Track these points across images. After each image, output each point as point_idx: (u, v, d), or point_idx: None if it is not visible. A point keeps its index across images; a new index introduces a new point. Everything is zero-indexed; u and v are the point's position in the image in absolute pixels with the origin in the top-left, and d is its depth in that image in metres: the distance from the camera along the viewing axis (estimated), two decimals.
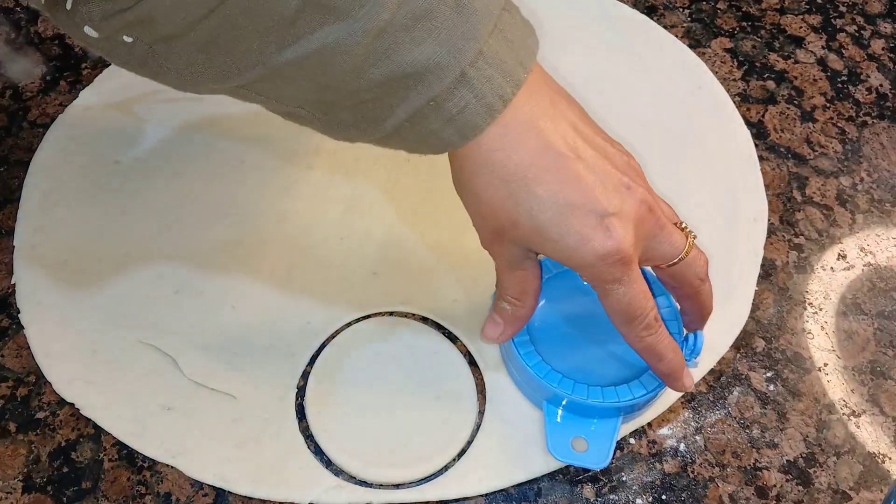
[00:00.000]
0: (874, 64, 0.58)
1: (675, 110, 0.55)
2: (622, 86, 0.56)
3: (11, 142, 0.53)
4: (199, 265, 0.47)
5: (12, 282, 0.47)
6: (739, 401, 0.44)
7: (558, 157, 0.34)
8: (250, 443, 0.42)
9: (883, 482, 0.42)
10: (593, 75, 0.56)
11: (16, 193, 0.50)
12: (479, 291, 0.47)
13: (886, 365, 0.46)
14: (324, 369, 0.44)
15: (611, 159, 0.36)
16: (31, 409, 0.43)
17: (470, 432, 0.42)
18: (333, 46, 0.30)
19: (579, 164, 0.34)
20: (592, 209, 0.34)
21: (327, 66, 0.31)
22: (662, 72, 0.56)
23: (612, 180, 0.35)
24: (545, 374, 0.41)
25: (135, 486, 0.41)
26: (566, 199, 0.34)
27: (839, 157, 0.54)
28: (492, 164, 0.34)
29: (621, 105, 0.55)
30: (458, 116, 0.32)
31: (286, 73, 0.32)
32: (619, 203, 0.34)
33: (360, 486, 0.41)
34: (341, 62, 0.31)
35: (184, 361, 0.44)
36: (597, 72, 0.56)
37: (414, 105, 0.32)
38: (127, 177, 0.51)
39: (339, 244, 0.48)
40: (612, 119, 0.54)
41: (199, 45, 0.31)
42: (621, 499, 0.41)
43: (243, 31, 0.30)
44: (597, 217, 0.34)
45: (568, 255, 0.35)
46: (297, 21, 0.30)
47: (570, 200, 0.34)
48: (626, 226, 0.34)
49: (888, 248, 0.50)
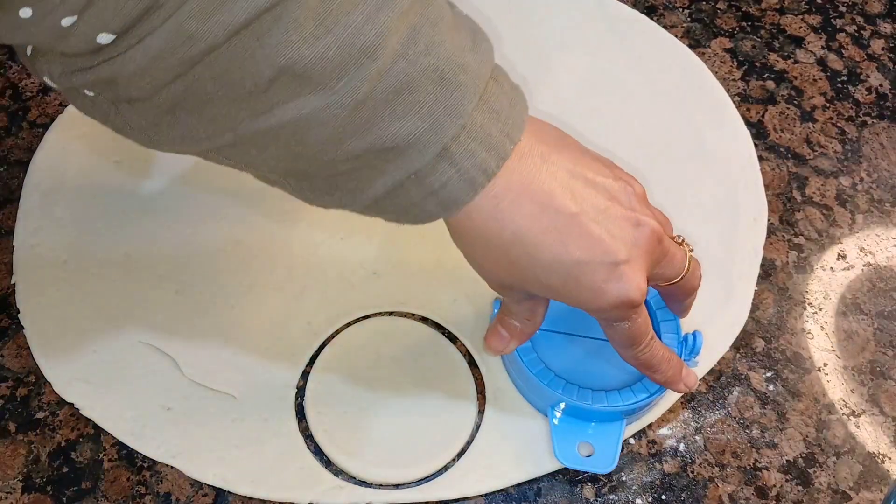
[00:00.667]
0: (874, 64, 0.58)
1: (675, 110, 0.55)
2: (622, 86, 0.56)
3: (11, 142, 0.53)
4: (199, 265, 0.47)
5: (12, 282, 0.47)
6: (739, 401, 0.44)
7: (557, 216, 0.32)
8: (250, 443, 0.42)
9: (883, 482, 0.42)
10: (593, 75, 0.56)
11: (16, 193, 0.50)
12: (478, 291, 0.46)
13: (886, 365, 0.46)
14: (324, 369, 0.44)
15: (615, 197, 0.34)
16: (31, 409, 0.43)
17: (470, 432, 0.42)
18: (309, 117, 0.29)
19: (581, 217, 0.33)
20: (602, 262, 0.33)
21: (302, 136, 0.30)
22: (662, 72, 0.56)
23: (619, 223, 0.33)
24: (549, 381, 0.41)
25: (135, 486, 0.41)
26: (573, 258, 0.32)
27: (839, 157, 0.54)
28: (487, 234, 0.33)
29: (621, 105, 0.55)
30: (440, 191, 0.31)
31: (258, 142, 0.30)
32: (629, 247, 0.33)
33: (360, 486, 0.41)
34: (317, 133, 0.30)
35: (184, 361, 0.44)
36: (597, 72, 0.56)
37: (394, 178, 0.31)
38: (127, 177, 0.51)
39: (339, 244, 0.48)
40: (612, 119, 0.54)
41: (164, 108, 0.29)
42: (621, 499, 0.41)
43: (212, 98, 0.29)
44: (607, 268, 0.33)
45: (580, 306, 0.35)
46: (271, 90, 0.28)
47: (577, 259, 0.33)
48: (636, 269, 0.34)
49: (888, 248, 0.50)
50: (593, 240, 0.33)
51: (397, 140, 0.30)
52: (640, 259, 0.34)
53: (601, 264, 0.33)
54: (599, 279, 0.33)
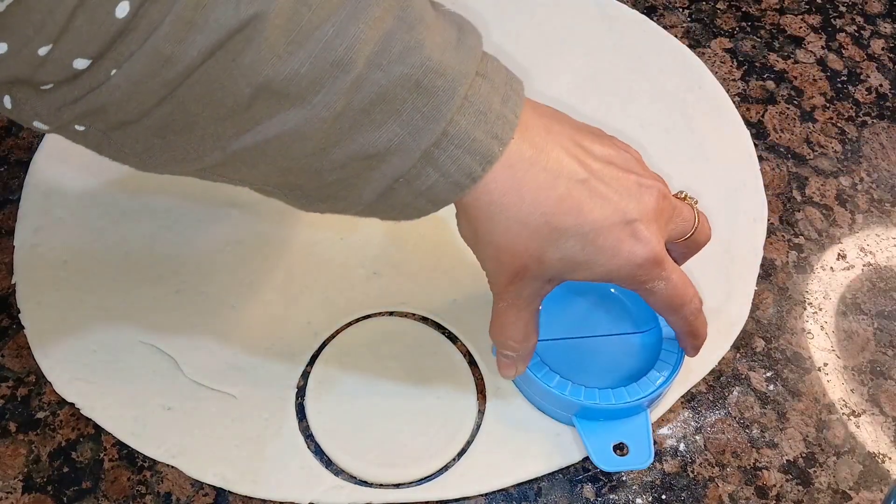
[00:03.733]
0: (874, 64, 0.58)
1: (674, 110, 0.55)
2: (622, 86, 0.56)
3: (11, 142, 0.53)
4: (199, 265, 0.47)
5: (12, 282, 0.47)
6: (739, 401, 0.44)
7: (570, 181, 0.33)
8: (250, 443, 0.42)
9: (883, 482, 0.42)
10: (593, 75, 0.56)
11: (16, 193, 0.50)
12: (479, 291, 0.47)
13: (886, 365, 0.46)
14: (324, 369, 0.44)
15: (616, 163, 0.35)
16: (31, 409, 0.43)
17: (470, 432, 0.42)
18: (292, 132, 0.30)
19: (591, 182, 0.34)
20: (616, 221, 0.34)
21: (287, 150, 0.30)
22: (662, 72, 0.56)
23: (626, 185, 0.35)
24: (570, 391, 0.40)
25: (135, 486, 0.41)
26: (589, 222, 0.33)
27: (839, 157, 0.54)
28: (506, 207, 0.33)
29: (621, 105, 0.55)
30: (428, 192, 0.32)
31: (247, 159, 0.31)
32: (638, 205, 0.34)
33: (360, 486, 0.41)
34: (301, 146, 0.30)
35: (184, 361, 0.44)
36: (597, 72, 0.56)
37: (381, 184, 0.32)
38: (127, 177, 0.51)
39: (339, 244, 0.48)
40: (612, 119, 0.54)
41: (153, 130, 0.29)
42: (621, 499, 0.41)
43: (198, 118, 0.29)
44: (622, 228, 0.34)
45: (603, 273, 0.35)
46: (253, 107, 0.29)
47: (593, 222, 0.33)
48: (650, 225, 0.34)
49: (888, 248, 0.50)
50: (605, 202, 0.34)
51: (378, 147, 0.30)
52: (651, 216, 0.35)
53: (615, 224, 0.34)
54: (615, 239, 0.34)
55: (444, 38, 0.31)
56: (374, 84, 0.29)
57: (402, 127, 0.30)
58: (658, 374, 0.41)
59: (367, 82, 0.29)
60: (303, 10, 0.28)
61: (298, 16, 0.28)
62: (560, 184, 0.33)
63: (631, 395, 0.40)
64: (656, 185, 0.36)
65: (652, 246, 0.34)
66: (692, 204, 0.39)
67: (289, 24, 0.28)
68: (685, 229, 0.38)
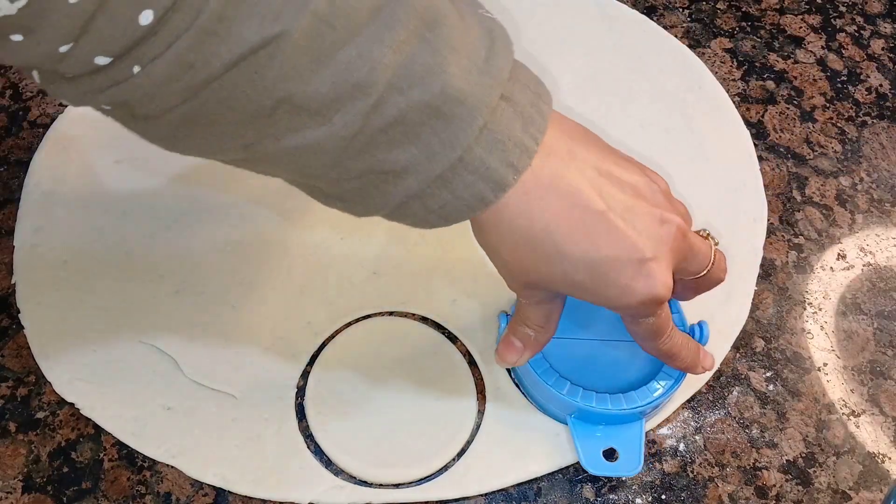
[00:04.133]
0: (874, 64, 0.58)
1: (674, 110, 0.55)
2: (622, 86, 0.56)
3: (11, 142, 0.53)
4: (199, 265, 0.47)
5: (12, 282, 0.47)
6: (739, 401, 0.44)
7: (585, 211, 0.32)
8: (250, 443, 0.42)
9: (883, 482, 0.42)
10: (593, 75, 0.56)
11: (16, 193, 0.50)
12: (479, 291, 0.47)
13: (886, 365, 0.46)
14: (324, 369, 0.44)
15: (640, 194, 0.34)
16: (31, 409, 0.43)
17: (470, 432, 0.42)
18: (311, 146, 0.30)
19: (609, 214, 0.33)
20: (629, 258, 0.33)
21: (307, 160, 0.31)
22: (662, 72, 0.56)
23: (646, 220, 0.34)
24: (567, 391, 0.40)
25: (135, 486, 0.41)
26: (601, 254, 0.33)
27: (839, 157, 0.54)
28: (516, 229, 0.33)
29: (621, 105, 0.55)
30: (440, 210, 0.32)
31: (266, 159, 0.31)
32: (656, 243, 0.34)
33: (360, 486, 0.41)
34: (320, 158, 0.31)
35: (184, 361, 0.44)
36: (597, 72, 0.56)
37: (396, 199, 0.32)
38: (127, 177, 0.51)
39: (340, 244, 0.48)
40: (612, 119, 0.54)
41: (175, 124, 0.30)
42: (621, 498, 0.41)
43: (221, 118, 0.29)
44: (634, 265, 0.33)
45: (607, 304, 0.35)
46: (274, 116, 0.29)
47: (606, 255, 0.33)
48: (663, 266, 0.34)
49: (888, 248, 0.50)
50: (621, 237, 0.33)
51: (395, 165, 0.31)
52: (666, 256, 0.34)
53: (629, 261, 0.33)
54: (627, 276, 0.33)
55: (470, 61, 0.31)
56: (393, 107, 0.29)
57: (419, 149, 0.30)
58: (657, 386, 0.40)
59: (387, 105, 0.29)
60: (326, 31, 0.28)
61: (321, 36, 0.28)
62: (575, 213, 0.32)
63: (628, 403, 0.40)
64: (676, 222, 0.34)
65: (661, 288, 0.34)
66: (712, 244, 0.38)
67: (312, 43, 0.28)
68: (699, 268, 0.37)
